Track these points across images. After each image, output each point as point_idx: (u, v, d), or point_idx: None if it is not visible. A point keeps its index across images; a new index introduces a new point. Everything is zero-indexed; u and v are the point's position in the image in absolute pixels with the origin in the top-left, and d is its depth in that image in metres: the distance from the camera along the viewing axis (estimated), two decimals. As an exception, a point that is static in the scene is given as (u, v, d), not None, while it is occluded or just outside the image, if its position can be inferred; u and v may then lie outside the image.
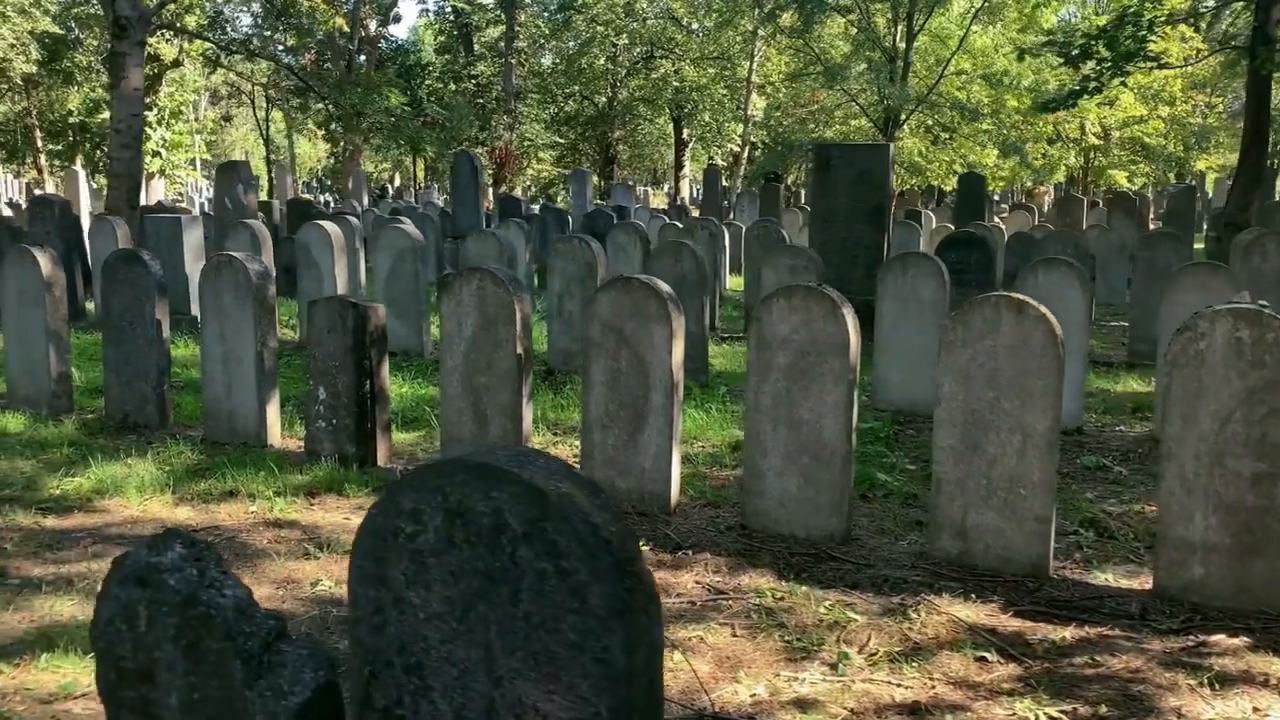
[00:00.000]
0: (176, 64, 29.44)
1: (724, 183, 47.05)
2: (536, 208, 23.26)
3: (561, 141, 40.26)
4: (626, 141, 43.68)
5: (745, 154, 35.44)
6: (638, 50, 38.18)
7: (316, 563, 4.43)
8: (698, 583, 4.30)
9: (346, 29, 30.01)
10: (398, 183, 56.33)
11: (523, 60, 38.76)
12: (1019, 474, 4.29)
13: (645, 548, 4.65)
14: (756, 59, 33.02)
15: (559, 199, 38.70)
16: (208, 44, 28.57)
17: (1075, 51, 13.78)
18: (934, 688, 3.44)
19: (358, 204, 25.65)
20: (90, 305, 11.40)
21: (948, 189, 35.08)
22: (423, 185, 50.55)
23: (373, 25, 37.90)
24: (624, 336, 5.09)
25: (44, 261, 6.91)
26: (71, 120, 39.86)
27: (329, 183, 54.27)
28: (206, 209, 26.50)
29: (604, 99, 39.60)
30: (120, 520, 4.93)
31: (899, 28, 26.21)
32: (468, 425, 5.59)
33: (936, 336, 7.14)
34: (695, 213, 25.35)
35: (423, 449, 6.41)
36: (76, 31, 36.12)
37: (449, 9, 42.14)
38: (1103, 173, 35.90)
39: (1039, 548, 4.31)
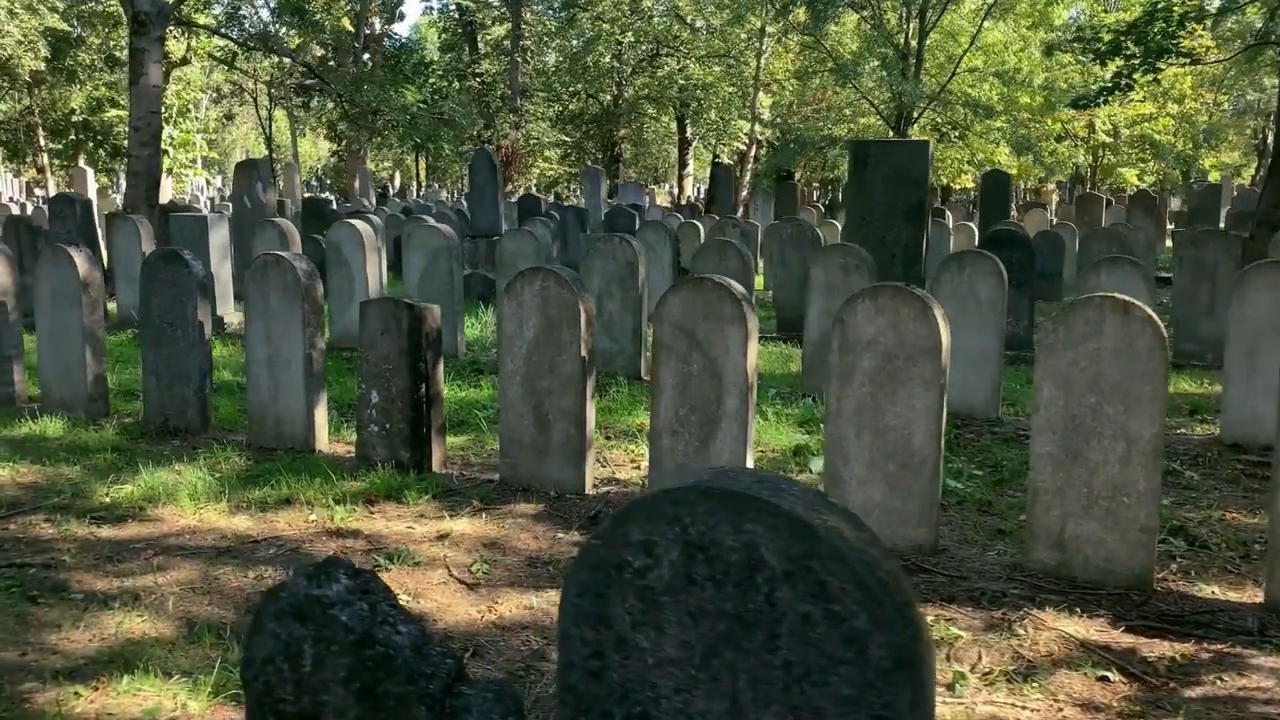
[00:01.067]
0: (185, 61, 29.22)
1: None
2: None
3: (567, 140, 40.03)
4: (631, 140, 43.45)
5: (752, 152, 35.23)
6: (644, 48, 37.96)
7: (388, 575, 4.25)
8: (786, 596, 4.12)
9: (352, 29, 29.78)
10: (398, 182, 55.97)
11: (528, 58, 38.53)
12: (1122, 483, 4.12)
13: (725, 558, 4.47)
14: (764, 56, 32.78)
15: (566, 198, 38.51)
16: (214, 42, 28.34)
17: (1103, 48, 13.60)
18: (1061, 710, 3.27)
19: (367, 203, 25.46)
20: (111, 305, 11.20)
21: (958, 187, 34.94)
22: (424, 184, 50.27)
23: (378, 24, 37.72)
24: (695, 339, 4.91)
25: (80, 261, 6.73)
26: (75, 119, 39.63)
27: (329, 181, 53.95)
28: (212, 207, 26.29)
29: (609, 97, 39.39)
30: (177, 530, 4.75)
31: (911, 24, 26.03)
32: (529, 429, 5.41)
33: (996, 337, 7.01)
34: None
35: (474, 453, 6.23)
36: (79, 29, 35.85)
37: (453, 7, 41.89)
38: (1112, 170, 35.76)
39: (1143, 559, 4.14)
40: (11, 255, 7.21)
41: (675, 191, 42.26)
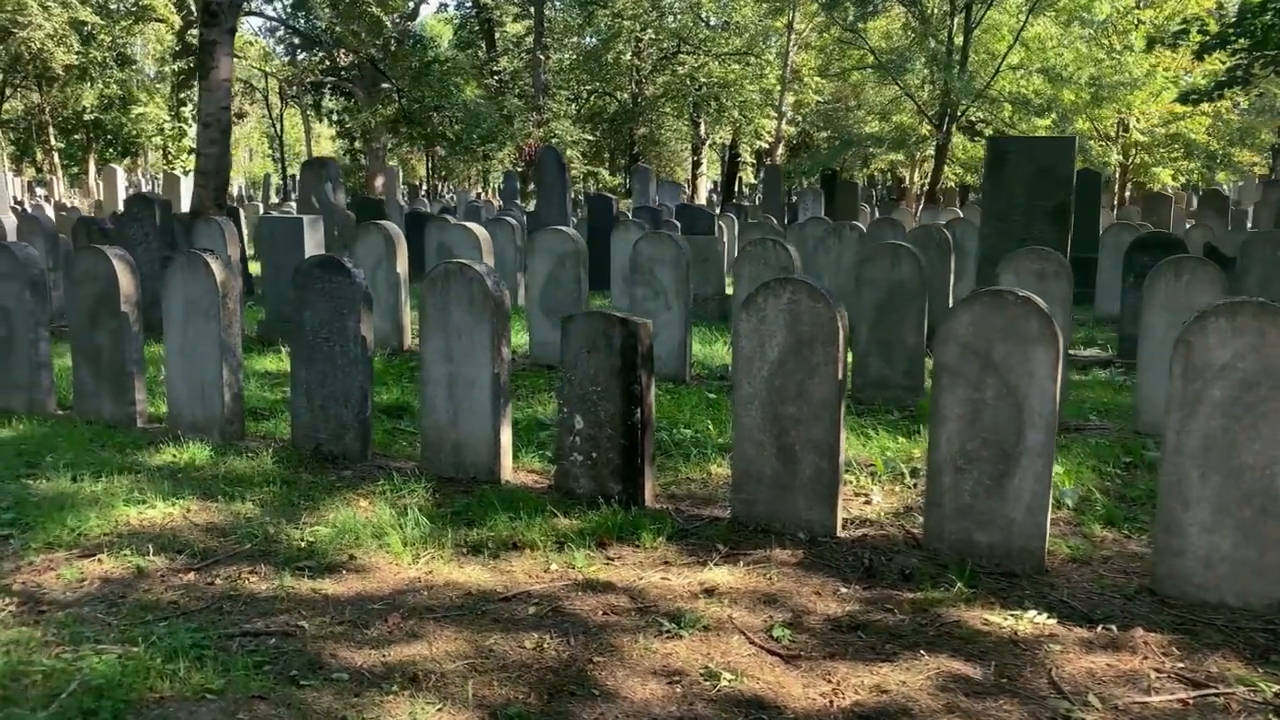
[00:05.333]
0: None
1: (751, 180, 46.30)
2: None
3: (589, 138, 39.35)
4: (648, 140, 42.75)
5: (778, 150, 34.61)
6: (665, 45, 37.31)
7: (685, 644, 3.61)
8: (1157, 671, 3.50)
9: (389, 24, 29.09)
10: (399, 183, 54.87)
11: (548, 55, 37.79)
12: None
13: (1051, 621, 3.86)
14: (792, 53, 32.16)
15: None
16: (243, 37, 27.61)
17: (1210, 41, 13.04)
18: None
19: (403, 204, 24.76)
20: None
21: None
22: (423, 184, 49.27)
23: (396, 21, 36.93)
24: (990, 361, 4.29)
25: (218, 268, 6.07)
26: (86, 117, 38.84)
27: (341, 180, 53.01)
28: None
29: (628, 95, 38.74)
30: (406, 583, 4.09)
31: (955, 19, 25.46)
32: (769, 462, 4.77)
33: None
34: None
35: (670, 482, 5.58)
36: (91, 26, 35.05)
37: (469, 3, 41.09)
38: (1145, 169, 35.13)
39: None
40: (133, 262, 6.55)
41: (689, 190, 41.61)
